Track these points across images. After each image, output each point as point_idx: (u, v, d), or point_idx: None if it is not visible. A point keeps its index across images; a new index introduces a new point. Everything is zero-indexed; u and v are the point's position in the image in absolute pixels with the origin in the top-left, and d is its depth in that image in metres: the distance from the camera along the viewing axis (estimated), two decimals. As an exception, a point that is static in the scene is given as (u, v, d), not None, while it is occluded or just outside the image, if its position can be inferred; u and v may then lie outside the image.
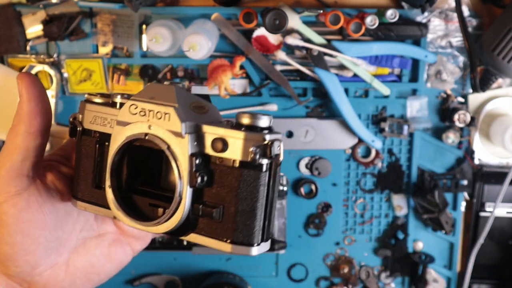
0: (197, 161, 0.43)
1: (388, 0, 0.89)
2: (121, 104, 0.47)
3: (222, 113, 0.90)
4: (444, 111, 0.92)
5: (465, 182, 0.92)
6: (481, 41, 0.86)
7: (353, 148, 0.93)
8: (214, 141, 0.43)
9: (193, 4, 0.88)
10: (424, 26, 0.86)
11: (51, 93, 0.88)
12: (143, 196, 0.47)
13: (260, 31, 0.87)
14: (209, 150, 0.44)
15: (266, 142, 0.43)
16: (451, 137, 0.92)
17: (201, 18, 0.87)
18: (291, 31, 0.87)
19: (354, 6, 0.88)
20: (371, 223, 0.95)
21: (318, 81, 0.88)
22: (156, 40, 0.81)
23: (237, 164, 0.43)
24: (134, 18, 0.87)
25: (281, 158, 0.44)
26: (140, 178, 0.48)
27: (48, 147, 0.90)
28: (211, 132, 0.44)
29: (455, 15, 0.87)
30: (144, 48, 0.89)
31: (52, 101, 0.88)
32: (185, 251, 0.89)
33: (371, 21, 0.83)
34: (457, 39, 0.89)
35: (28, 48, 0.88)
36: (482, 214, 0.93)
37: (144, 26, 0.88)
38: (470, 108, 0.92)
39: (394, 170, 0.94)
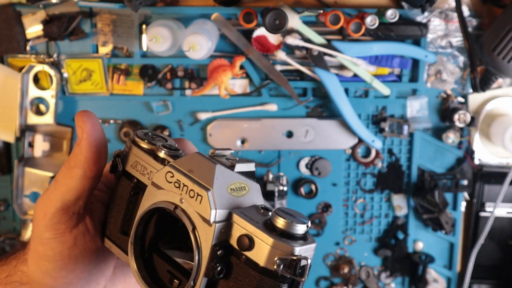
0: (219, 252, 0.41)
1: (388, 0, 0.89)
2: (163, 160, 0.45)
3: (222, 113, 0.91)
4: (444, 111, 0.92)
5: (465, 182, 0.92)
6: (481, 41, 0.86)
7: (353, 148, 0.93)
8: (241, 237, 0.41)
9: (193, 4, 0.88)
10: (424, 26, 0.86)
11: (51, 93, 0.88)
12: (164, 260, 0.45)
13: (260, 31, 0.87)
14: (234, 243, 0.41)
15: (293, 257, 0.39)
16: (451, 137, 0.92)
17: (201, 18, 0.87)
18: (291, 31, 0.87)
19: (354, 6, 0.88)
20: (371, 223, 0.95)
21: (318, 81, 0.88)
22: (156, 40, 0.81)
23: (259, 268, 0.40)
24: (134, 18, 0.87)
25: (305, 277, 0.40)
26: (166, 237, 0.46)
27: (47, 147, 0.90)
28: (241, 226, 0.41)
29: (455, 15, 0.87)
30: (144, 48, 0.89)
31: (52, 101, 0.88)
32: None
33: (371, 21, 0.83)
34: (457, 39, 0.89)
35: (28, 48, 0.88)
36: (482, 214, 0.93)
37: (144, 26, 0.88)
38: (470, 108, 0.92)
39: (394, 170, 0.94)
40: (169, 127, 0.92)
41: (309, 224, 0.41)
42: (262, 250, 0.40)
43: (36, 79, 0.89)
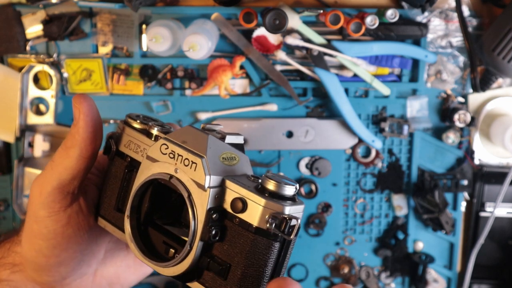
0: (214, 216, 0.43)
1: (388, 0, 0.89)
2: (156, 137, 0.48)
3: (222, 113, 0.91)
4: (444, 111, 0.92)
5: (465, 182, 0.92)
6: (481, 41, 0.86)
7: (353, 148, 0.93)
8: (234, 201, 0.43)
9: (193, 4, 0.88)
10: (424, 26, 0.86)
11: (51, 93, 0.88)
12: (159, 232, 0.47)
13: (260, 31, 0.87)
14: (228, 206, 0.43)
15: (284, 216, 0.42)
16: (451, 137, 0.92)
17: (201, 18, 0.87)
18: (291, 31, 0.87)
19: (354, 6, 0.88)
20: (371, 223, 0.95)
21: (318, 81, 0.88)
22: (156, 40, 0.81)
23: (252, 229, 0.42)
24: (134, 18, 0.87)
25: (294, 236, 0.43)
26: (160, 212, 0.48)
27: (47, 147, 0.90)
28: (233, 190, 0.43)
29: (455, 15, 0.87)
30: (144, 48, 0.89)
31: (52, 101, 0.88)
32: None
33: (371, 21, 0.83)
34: (457, 39, 0.89)
35: (28, 48, 0.88)
36: (482, 214, 0.93)
37: (144, 26, 0.88)
38: (470, 108, 0.92)
39: (394, 170, 0.94)
40: (169, 127, 0.92)
41: (297, 186, 0.44)
42: (254, 211, 0.42)
43: (36, 79, 0.89)
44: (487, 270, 0.96)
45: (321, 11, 0.84)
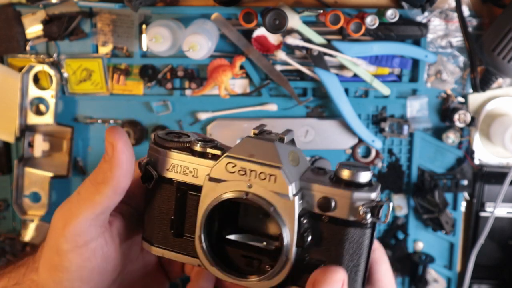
0: (304, 222, 0.43)
1: (388, 0, 0.89)
2: (202, 154, 0.46)
3: (222, 113, 0.91)
4: (444, 111, 0.92)
5: (465, 182, 0.92)
6: (481, 41, 0.86)
7: (353, 148, 0.93)
8: (321, 201, 0.43)
9: (193, 4, 0.88)
10: (424, 26, 0.86)
11: (51, 93, 0.88)
12: (235, 247, 0.46)
13: (260, 31, 0.87)
14: (314, 208, 0.43)
15: (376, 203, 0.43)
16: (451, 137, 0.92)
17: (201, 18, 0.87)
18: (291, 31, 0.87)
19: (354, 6, 0.88)
20: (371, 223, 0.95)
21: (318, 81, 0.88)
22: (156, 40, 0.81)
23: (345, 223, 0.43)
24: (134, 18, 0.87)
25: (389, 215, 0.44)
26: (230, 227, 0.47)
27: (47, 147, 0.90)
28: (316, 191, 0.43)
29: (455, 15, 0.87)
30: (144, 48, 0.89)
31: (52, 101, 0.88)
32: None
33: (371, 21, 0.83)
34: (457, 39, 0.89)
35: (28, 48, 0.88)
36: (482, 214, 0.93)
37: (144, 26, 0.88)
38: (470, 108, 0.92)
39: (394, 170, 0.94)
40: (169, 127, 0.92)
41: (372, 172, 0.45)
42: (343, 205, 0.42)
43: (36, 79, 0.89)
44: (487, 270, 0.96)
45: (321, 11, 0.84)
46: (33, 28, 0.87)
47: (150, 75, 0.90)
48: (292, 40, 0.86)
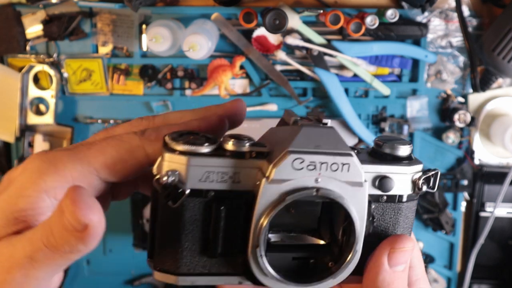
0: (372, 206, 0.41)
1: (388, 0, 0.89)
2: (240, 154, 0.39)
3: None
4: (444, 111, 0.92)
5: (465, 182, 0.92)
6: (481, 41, 0.86)
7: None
8: (381, 181, 0.41)
9: (193, 4, 0.88)
10: (424, 26, 0.86)
11: (51, 93, 0.88)
12: (283, 252, 0.42)
13: (260, 31, 0.87)
14: (373, 190, 0.41)
15: (432, 172, 0.43)
16: (451, 137, 0.92)
17: (201, 18, 0.87)
18: (291, 31, 0.87)
19: (354, 6, 0.88)
20: (371, 223, 0.95)
21: (318, 81, 0.88)
22: (156, 40, 0.81)
23: (404, 198, 0.42)
24: (134, 18, 0.87)
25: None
26: (274, 230, 0.43)
27: (47, 147, 0.90)
28: (373, 172, 0.41)
29: (455, 15, 0.87)
30: (144, 48, 0.89)
31: (52, 101, 0.88)
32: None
33: (371, 21, 0.83)
34: (457, 39, 0.89)
35: (28, 48, 0.88)
36: (482, 214, 0.93)
37: (144, 26, 0.88)
38: (470, 108, 0.92)
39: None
40: (169, 127, 0.92)
41: (411, 145, 0.45)
42: (401, 182, 0.42)
43: (36, 79, 0.89)
44: (487, 270, 0.96)
45: (321, 11, 0.84)
46: (33, 28, 0.87)
47: (150, 75, 0.90)
48: (292, 40, 0.86)
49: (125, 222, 0.92)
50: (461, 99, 0.92)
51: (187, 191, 0.38)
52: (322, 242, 0.43)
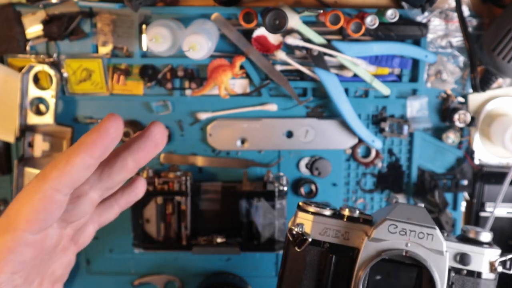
0: (452, 274, 0.52)
1: (388, 0, 0.89)
2: (352, 218, 0.54)
3: (222, 113, 0.91)
4: (444, 111, 0.92)
5: (465, 182, 0.92)
6: (481, 41, 0.86)
7: (353, 148, 0.93)
8: (462, 257, 0.53)
9: (193, 4, 0.88)
10: (424, 26, 0.86)
11: (51, 93, 0.88)
12: None
13: (260, 31, 0.87)
14: (454, 263, 0.53)
15: (509, 257, 0.54)
16: (451, 137, 0.92)
17: (201, 18, 0.87)
18: (291, 31, 0.87)
19: (354, 6, 0.88)
20: (371, 223, 0.95)
21: (318, 81, 0.88)
22: (156, 40, 0.81)
23: (482, 275, 0.53)
24: (134, 18, 0.87)
25: None
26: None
27: (47, 147, 0.90)
28: (454, 248, 0.53)
29: (455, 15, 0.87)
30: (144, 48, 0.89)
31: (52, 101, 0.88)
32: (185, 251, 0.89)
33: (371, 21, 0.83)
34: (457, 39, 0.89)
35: (28, 48, 0.88)
36: (482, 214, 0.93)
37: (144, 26, 0.88)
38: (470, 108, 0.92)
39: (394, 170, 0.94)
40: (169, 127, 0.92)
41: (491, 233, 0.56)
42: (479, 260, 0.53)
43: (36, 79, 0.89)
44: (487, 270, 0.96)
45: (321, 11, 0.84)
46: (33, 28, 0.87)
47: (150, 75, 0.90)
48: (292, 40, 0.86)
49: (125, 222, 0.92)
50: (461, 99, 0.92)
51: (309, 240, 0.54)
52: None
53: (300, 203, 0.56)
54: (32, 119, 0.88)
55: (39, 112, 0.89)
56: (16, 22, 0.86)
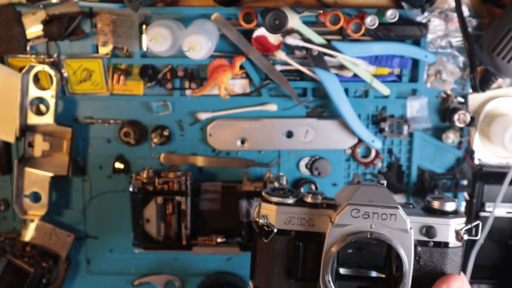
0: (419, 249, 0.53)
1: (388, 0, 0.89)
2: (315, 205, 0.54)
3: (222, 113, 0.91)
4: (444, 111, 0.92)
5: (465, 182, 0.92)
6: (481, 41, 0.86)
7: (353, 148, 0.93)
8: (427, 230, 0.53)
9: (193, 4, 0.88)
10: (424, 26, 0.86)
11: (51, 93, 0.88)
12: (349, 281, 0.54)
13: (260, 31, 0.87)
14: (420, 236, 0.53)
15: (473, 224, 0.54)
16: (451, 137, 0.92)
17: (201, 18, 0.87)
18: (291, 31, 0.87)
19: (354, 6, 0.88)
20: (371, 223, 0.95)
21: (318, 81, 0.88)
22: (156, 40, 0.81)
23: (449, 245, 0.54)
24: (134, 18, 0.87)
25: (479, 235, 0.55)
26: (342, 264, 0.55)
27: (47, 147, 0.91)
28: (420, 222, 0.53)
29: (455, 15, 0.87)
30: (144, 48, 0.89)
31: (52, 101, 0.88)
32: (185, 251, 0.89)
33: (371, 21, 0.83)
34: (457, 39, 0.89)
35: (28, 48, 0.89)
36: (482, 214, 0.93)
37: (144, 26, 0.88)
38: (470, 108, 0.92)
39: (394, 170, 0.94)
40: (169, 127, 0.92)
41: (456, 200, 0.56)
42: (445, 231, 0.53)
43: (36, 79, 0.89)
44: (487, 270, 0.96)
45: (321, 11, 0.84)
46: (34, 28, 0.88)
47: (150, 75, 0.90)
48: (292, 40, 0.86)
49: (125, 222, 0.92)
50: (461, 99, 0.92)
51: (275, 230, 0.54)
52: (382, 276, 0.55)
53: (263, 193, 0.56)
54: (33, 119, 0.88)
55: (39, 112, 0.89)
56: (17, 22, 0.87)
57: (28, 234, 0.92)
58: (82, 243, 0.96)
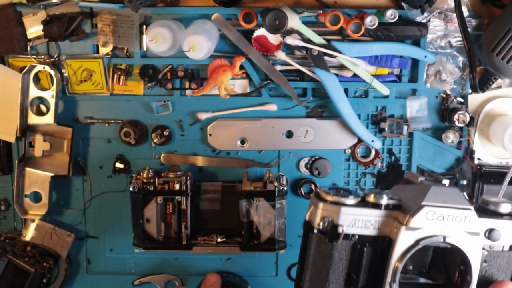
0: (484, 253, 0.51)
1: (388, 0, 0.89)
2: (379, 206, 0.49)
3: (222, 113, 0.91)
4: (444, 111, 0.92)
5: (464, 182, 0.93)
6: (480, 42, 0.86)
7: (353, 148, 0.93)
8: (491, 233, 0.51)
9: (193, 5, 0.88)
10: (424, 26, 0.86)
11: (51, 93, 0.88)
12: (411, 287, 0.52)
13: (260, 31, 0.87)
14: (485, 240, 0.51)
15: None
16: (451, 137, 0.92)
17: (201, 18, 0.87)
18: (291, 31, 0.87)
19: (354, 6, 0.88)
20: (371, 223, 0.96)
21: (318, 81, 0.89)
22: (156, 40, 0.81)
23: (506, 248, 0.52)
24: (135, 18, 0.87)
25: None
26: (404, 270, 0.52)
27: (48, 147, 0.91)
28: (485, 225, 0.51)
29: (454, 15, 0.87)
30: (144, 48, 0.89)
31: (53, 101, 0.88)
32: (185, 251, 0.89)
33: (370, 21, 0.83)
34: (456, 39, 0.89)
35: (28, 48, 0.89)
36: (482, 214, 0.93)
37: (144, 27, 0.88)
38: (469, 108, 0.92)
39: (394, 170, 0.94)
40: (169, 127, 0.92)
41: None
42: (507, 234, 0.51)
43: (36, 79, 0.89)
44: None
45: (321, 12, 0.84)
46: (34, 29, 0.88)
47: (150, 75, 0.90)
48: (292, 40, 0.86)
49: (126, 222, 0.92)
50: (460, 99, 0.92)
51: (343, 232, 0.49)
52: (439, 282, 0.53)
53: (320, 192, 0.51)
54: (33, 119, 0.88)
55: (39, 112, 0.89)
56: (17, 22, 0.87)
57: (29, 234, 0.92)
58: (83, 242, 0.96)
